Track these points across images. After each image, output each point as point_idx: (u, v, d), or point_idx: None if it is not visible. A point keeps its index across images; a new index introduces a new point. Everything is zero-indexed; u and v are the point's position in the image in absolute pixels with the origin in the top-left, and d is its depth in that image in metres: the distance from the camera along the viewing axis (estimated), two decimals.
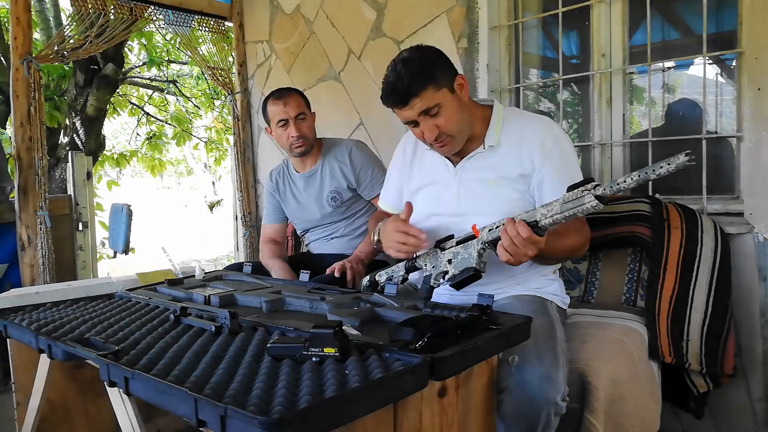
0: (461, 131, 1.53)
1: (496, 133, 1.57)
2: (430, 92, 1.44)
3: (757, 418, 1.97)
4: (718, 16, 2.21)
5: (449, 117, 1.48)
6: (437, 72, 1.46)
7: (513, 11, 2.58)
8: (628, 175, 1.17)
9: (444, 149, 1.56)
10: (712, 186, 2.11)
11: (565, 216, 1.24)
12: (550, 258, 1.52)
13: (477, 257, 1.39)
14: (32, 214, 2.75)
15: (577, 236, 1.51)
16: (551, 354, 1.34)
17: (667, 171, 1.10)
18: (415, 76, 1.43)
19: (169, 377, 0.97)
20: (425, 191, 1.68)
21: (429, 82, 1.44)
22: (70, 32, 2.91)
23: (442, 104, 1.46)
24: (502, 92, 2.61)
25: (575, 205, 1.22)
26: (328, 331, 1.03)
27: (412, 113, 1.47)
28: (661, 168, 1.10)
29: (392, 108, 1.51)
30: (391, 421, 0.99)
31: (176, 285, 1.80)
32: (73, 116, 4.79)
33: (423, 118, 1.48)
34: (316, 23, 3.20)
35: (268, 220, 2.51)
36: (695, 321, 1.79)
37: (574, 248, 1.52)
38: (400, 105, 1.47)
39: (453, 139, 1.52)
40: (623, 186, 1.17)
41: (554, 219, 1.26)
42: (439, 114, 1.47)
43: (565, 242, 1.48)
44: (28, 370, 1.57)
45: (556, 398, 1.28)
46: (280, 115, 2.23)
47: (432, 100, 1.45)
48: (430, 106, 1.45)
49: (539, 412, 1.28)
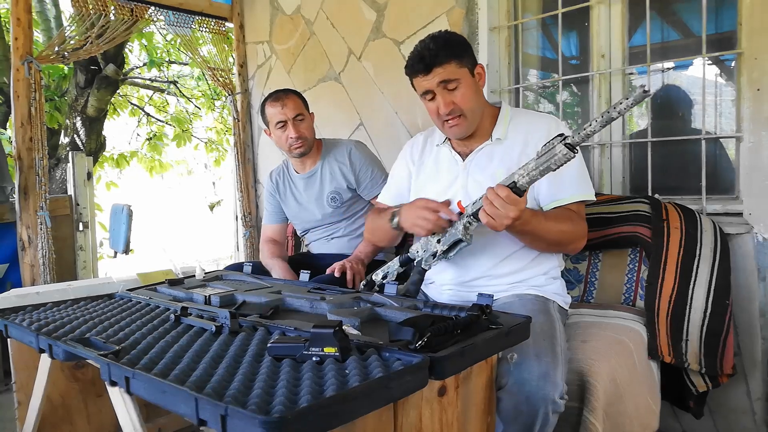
0: (474, 112, 1.60)
1: (504, 127, 1.64)
2: (453, 66, 1.54)
3: (757, 417, 1.98)
4: (717, 16, 2.21)
5: (465, 95, 1.56)
6: (462, 51, 1.56)
7: (513, 12, 2.58)
8: (593, 119, 1.22)
9: (454, 129, 1.61)
10: (711, 186, 2.12)
11: (540, 171, 1.30)
12: (539, 237, 1.54)
13: (463, 230, 1.45)
14: (33, 214, 2.76)
15: (569, 224, 1.54)
16: (550, 352, 1.35)
17: (627, 107, 1.15)
18: (442, 48, 1.53)
19: (169, 377, 0.98)
20: (434, 185, 1.71)
21: (453, 57, 1.54)
22: (71, 33, 2.92)
23: (461, 80, 1.55)
24: (502, 93, 2.61)
25: (548, 157, 1.28)
26: (328, 330, 1.03)
27: (432, 83, 1.55)
28: (621, 104, 1.15)
29: (414, 77, 1.58)
30: (391, 421, 0.99)
31: (176, 285, 1.80)
32: (73, 117, 4.79)
33: (441, 91, 1.55)
34: (316, 24, 3.20)
35: (269, 221, 2.51)
36: (695, 321, 1.79)
37: (565, 235, 1.55)
38: (423, 72, 1.55)
39: (465, 119, 1.59)
40: (590, 131, 1.22)
41: (531, 176, 1.31)
42: (456, 89, 1.55)
43: (555, 225, 1.52)
44: (29, 370, 1.58)
45: (554, 396, 1.29)
46: (278, 117, 2.24)
47: (453, 74, 1.54)
48: (451, 78, 1.54)
49: (537, 410, 1.28)
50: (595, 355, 1.56)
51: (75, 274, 3.35)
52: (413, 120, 2.84)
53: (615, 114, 1.17)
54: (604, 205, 2.06)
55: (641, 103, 1.15)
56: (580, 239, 1.58)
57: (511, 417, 1.31)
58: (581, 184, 1.59)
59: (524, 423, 1.30)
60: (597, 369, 1.50)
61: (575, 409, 1.47)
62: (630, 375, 1.63)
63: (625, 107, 1.14)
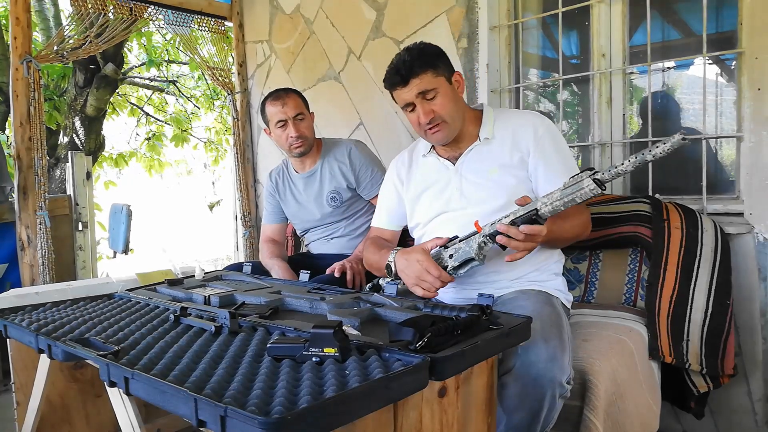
0: (454, 119, 1.62)
1: (490, 127, 1.67)
2: (429, 76, 1.57)
3: (758, 418, 1.97)
4: (718, 16, 2.20)
5: (444, 103, 1.59)
6: (437, 61, 1.60)
7: (513, 11, 2.58)
8: (626, 158, 1.22)
9: (437, 135, 1.63)
10: (712, 186, 2.11)
11: (564, 202, 1.30)
12: (560, 241, 1.60)
13: (477, 249, 1.44)
14: (32, 214, 2.75)
15: (578, 217, 1.58)
16: (557, 337, 1.35)
17: (663, 152, 1.15)
18: (417, 59, 1.57)
19: (169, 377, 0.97)
20: (428, 194, 1.73)
21: (428, 67, 1.57)
22: (70, 32, 2.91)
23: (438, 90, 1.58)
24: (502, 92, 2.61)
25: (574, 191, 1.28)
26: (328, 331, 1.03)
27: (411, 94, 1.58)
28: (657, 149, 1.16)
29: (393, 90, 1.62)
30: (391, 421, 0.99)
31: (176, 285, 1.80)
32: (72, 116, 4.79)
33: (420, 101, 1.58)
34: (316, 23, 3.20)
35: (268, 221, 2.51)
36: (695, 321, 1.79)
37: (580, 228, 1.59)
38: (401, 85, 1.58)
39: (446, 126, 1.61)
40: (621, 170, 1.22)
41: (554, 206, 1.31)
42: (435, 98, 1.58)
43: (570, 223, 1.55)
44: (28, 370, 1.58)
45: (561, 379, 1.29)
46: (278, 116, 2.23)
47: (430, 84, 1.57)
48: (428, 88, 1.57)
49: (544, 393, 1.28)
50: (596, 355, 1.56)
51: (74, 274, 3.35)
52: None
53: (650, 157, 1.18)
54: (605, 205, 2.05)
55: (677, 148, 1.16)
56: (589, 225, 1.64)
57: (518, 403, 1.31)
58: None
59: (531, 407, 1.30)
60: (598, 368, 1.50)
61: (576, 408, 1.47)
62: (631, 375, 1.63)
63: (661, 152, 1.15)
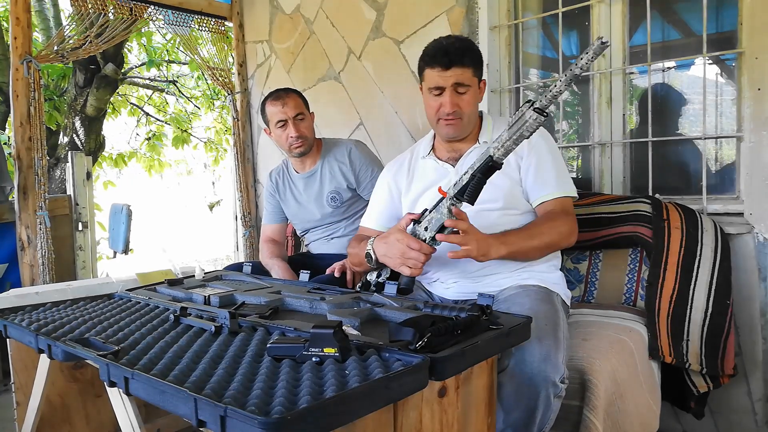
0: (470, 120, 1.68)
1: (489, 132, 1.72)
2: (469, 72, 1.61)
3: (758, 418, 1.97)
4: (718, 16, 2.20)
5: (469, 101, 1.64)
6: (479, 62, 1.65)
7: (513, 11, 2.58)
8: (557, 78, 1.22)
9: (450, 128, 1.66)
10: (712, 186, 2.11)
11: (514, 140, 1.31)
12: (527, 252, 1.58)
13: (448, 213, 1.45)
14: (32, 214, 2.75)
15: (551, 227, 1.58)
16: (552, 336, 1.36)
17: (588, 61, 1.17)
18: (467, 51, 1.61)
19: (169, 377, 0.97)
20: (427, 194, 1.73)
21: (473, 63, 1.62)
22: (70, 32, 2.91)
23: (470, 88, 1.63)
24: (502, 92, 2.61)
25: (519, 126, 1.29)
26: (328, 331, 1.03)
27: (448, 81, 1.59)
28: (582, 60, 1.18)
29: (431, 68, 1.61)
30: (391, 421, 0.99)
31: (176, 285, 1.80)
32: (72, 116, 4.79)
33: (451, 91, 1.61)
34: (316, 23, 3.20)
35: (268, 221, 2.51)
36: (695, 321, 1.79)
37: (552, 237, 1.58)
38: (442, 66, 1.59)
39: (461, 123, 1.65)
40: (555, 91, 1.23)
41: (506, 147, 1.33)
42: (465, 94, 1.62)
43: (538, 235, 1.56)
44: (28, 370, 1.58)
45: (554, 378, 1.30)
46: (278, 116, 2.23)
47: (467, 79, 1.61)
48: (464, 82, 1.61)
49: (538, 392, 1.29)
50: (596, 354, 1.56)
51: (74, 274, 3.35)
52: (413, 120, 2.83)
53: (577, 70, 1.19)
54: (605, 205, 2.05)
55: (601, 54, 1.16)
56: (569, 235, 1.62)
57: (514, 402, 1.32)
58: (561, 182, 1.65)
59: (526, 407, 1.31)
60: (598, 368, 1.50)
61: (576, 408, 1.47)
62: (631, 374, 1.63)
63: (586, 62, 1.17)
